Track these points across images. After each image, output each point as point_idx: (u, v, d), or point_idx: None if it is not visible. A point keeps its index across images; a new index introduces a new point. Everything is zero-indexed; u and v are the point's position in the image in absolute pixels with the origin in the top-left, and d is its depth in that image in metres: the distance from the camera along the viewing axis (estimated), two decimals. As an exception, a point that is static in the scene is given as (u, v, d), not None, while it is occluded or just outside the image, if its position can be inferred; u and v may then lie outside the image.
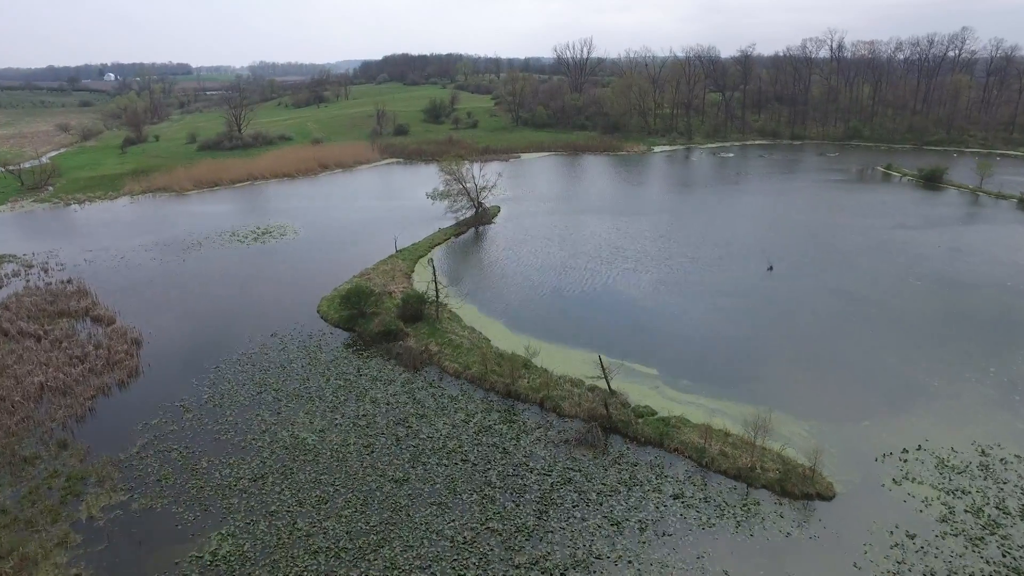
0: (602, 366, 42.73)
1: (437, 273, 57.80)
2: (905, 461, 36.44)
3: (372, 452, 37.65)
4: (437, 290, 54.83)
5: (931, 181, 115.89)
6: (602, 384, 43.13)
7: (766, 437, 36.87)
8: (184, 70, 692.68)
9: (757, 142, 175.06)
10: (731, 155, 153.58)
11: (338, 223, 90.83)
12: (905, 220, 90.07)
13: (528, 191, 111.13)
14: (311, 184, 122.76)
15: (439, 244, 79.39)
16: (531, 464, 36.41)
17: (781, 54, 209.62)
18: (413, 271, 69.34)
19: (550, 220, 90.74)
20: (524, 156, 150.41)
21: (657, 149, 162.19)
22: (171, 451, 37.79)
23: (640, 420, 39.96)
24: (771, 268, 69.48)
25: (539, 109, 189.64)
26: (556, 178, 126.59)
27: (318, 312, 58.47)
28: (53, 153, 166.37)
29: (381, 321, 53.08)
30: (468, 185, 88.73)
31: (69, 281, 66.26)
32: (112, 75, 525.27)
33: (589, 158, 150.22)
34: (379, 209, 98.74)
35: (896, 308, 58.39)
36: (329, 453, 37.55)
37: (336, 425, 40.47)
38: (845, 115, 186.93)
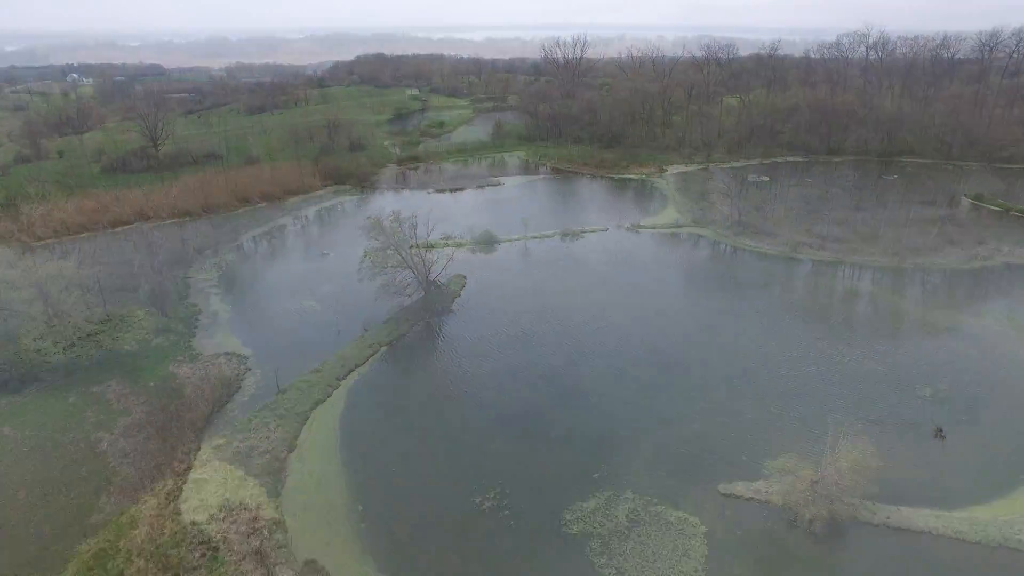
0: None
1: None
2: None
3: None
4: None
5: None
6: None
7: None
8: (157, 71, 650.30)
9: (788, 159, 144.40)
10: (765, 179, 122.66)
11: (206, 316, 58.76)
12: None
13: (506, 249, 78.93)
14: (216, 228, 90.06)
15: (357, 367, 47.35)
16: None
17: (813, 54, 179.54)
18: (294, 448, 37.72)
19: (537, 313, 58.04)
20: (505, 181, 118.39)
21: (670, 170, 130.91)
22: None
23: None
24: (941, 432, 38.76)
25: (524, 118, 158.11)
26: (543, 221, 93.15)
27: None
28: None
29: None
30: (411, 254, 56.79)
31: None
32: (76, 75, 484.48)
33: (585, 184, 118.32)
34: (282, 282, 66.57)
35: None
36: None
37: None
38: (888, 125, 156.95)
